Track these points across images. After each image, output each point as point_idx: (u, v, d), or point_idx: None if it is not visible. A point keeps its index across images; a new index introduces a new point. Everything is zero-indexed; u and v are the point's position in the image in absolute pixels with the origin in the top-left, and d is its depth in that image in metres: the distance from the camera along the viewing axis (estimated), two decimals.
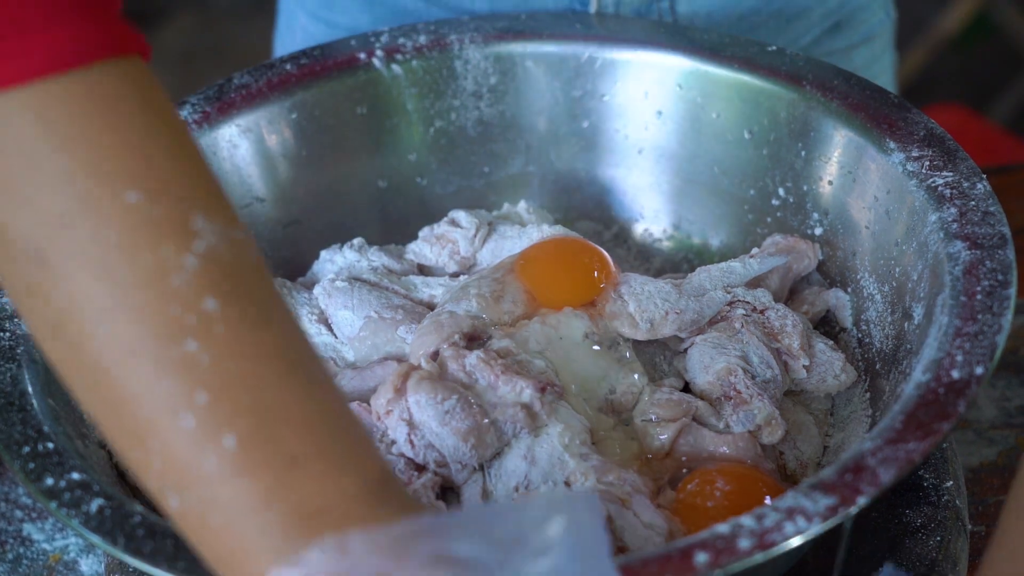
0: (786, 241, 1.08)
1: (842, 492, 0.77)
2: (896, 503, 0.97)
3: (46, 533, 1.08)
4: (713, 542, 0.75)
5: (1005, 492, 1.09)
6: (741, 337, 1.00)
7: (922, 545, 0.95)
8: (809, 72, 1.09)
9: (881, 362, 1.00)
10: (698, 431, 0.96)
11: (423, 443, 0.92)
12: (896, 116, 1.03)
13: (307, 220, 1.17)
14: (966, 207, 0.94)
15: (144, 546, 0.78)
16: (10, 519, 1.09)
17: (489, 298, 1.00)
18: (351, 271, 1.09)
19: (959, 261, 0.91)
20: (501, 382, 0.93)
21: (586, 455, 0.92)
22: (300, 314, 1.05)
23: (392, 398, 0.93)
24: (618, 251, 1.18)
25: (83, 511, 0.81)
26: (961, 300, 0.88)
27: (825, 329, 1.07)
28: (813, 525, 0.75)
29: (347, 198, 1.18)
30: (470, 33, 1.17)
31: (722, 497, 0.89)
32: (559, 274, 1.03)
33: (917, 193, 0.98)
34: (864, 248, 1.05)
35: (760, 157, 1.12)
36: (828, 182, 1.08)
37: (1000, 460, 1.13)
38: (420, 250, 1.11)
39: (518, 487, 0.92)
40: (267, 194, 1.15)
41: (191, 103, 1.13)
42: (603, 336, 0.99)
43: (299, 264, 1.15)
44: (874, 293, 1.03)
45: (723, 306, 1.02)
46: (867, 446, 0.80)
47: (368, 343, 1.03)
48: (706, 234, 1.17)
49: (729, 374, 0.98)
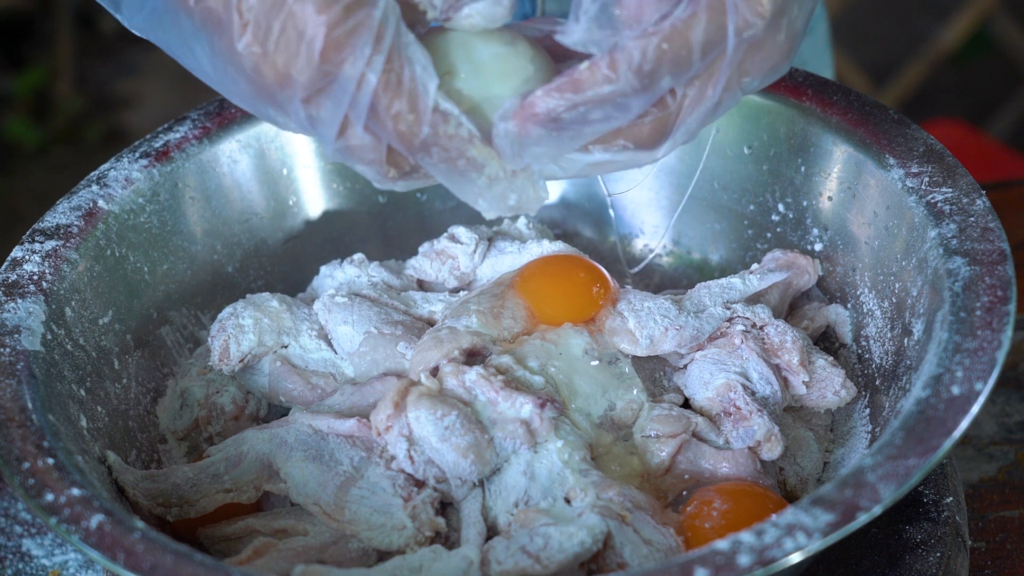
0: (786, 257, 1.08)
1: (842, 508, 0.77)
2: (896, 519, 0.97)
3: (45, 548, 1.08)
4: (713, 558, 0.75)
5: (1005, 508, 1.09)
6: (741, 353, 1.00)
7: (922, 561, 0.95)
8: (808, 87, 1.09)
9: (881, 378, 1.00)
10: (698, 447, 0.96)
11: (423, 459, 0.92)
12: (895, 132, 1.04)
13: (307, 235, 1.17)
14: (966, 223, 0.94)
15: (144, 562, 0.78)
16: (9, 534, 1.09)
17: (489, 314, 1.00)
18: (351, 286, 1.09)
19: (959, 277, 0.91)
20: (501, 398, 0.93)
21: (586, 471, 0.92)
22: (300, 329, 1.05)
23: (392, 414, 0.93)
24: (617, 267, 1.18)
25: (83, 527, 0.81)
26: (961, 316, 0.88)
27: (825, 345, 1.07)
28: (813, 541, 0.75)
29: (347, 213, 1.18)
30: None
31: (726, 516, 0.89)
32: (558, 290, 1.03)
33: (917, 209, 0.98)
34: (864, 264, 1.05)
35: (760, 172, 1.12)
36: (828, 198, 1.08)
37: (1000, 476, 1.13)
38: (420, 265, 1.11)
39: (517, 503, 0.92)
40: (267, 209, 1.16)
41: (191, 119, 1.13)
42: (603, 352, 0.99)
43: (299, 279, 1.15)
44: (874, 309, 1.03)
45: (723, 322, 1.02)
46: (867, 462, 0.80)
47: (368, 358, 1.03)
48: (706, 249, 1.17)
49: (729, 390, 0.98)
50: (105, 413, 1.00)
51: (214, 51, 0.85)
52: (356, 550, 0.91)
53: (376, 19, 0.82)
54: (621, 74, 0.83)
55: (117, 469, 0.95)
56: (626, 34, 0.83)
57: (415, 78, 0.83)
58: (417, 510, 0.91)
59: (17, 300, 0.97)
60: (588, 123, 0.84)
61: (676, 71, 0.83)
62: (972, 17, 2.86)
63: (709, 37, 0.83)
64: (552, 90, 0.84)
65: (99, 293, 1.03)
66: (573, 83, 0.83)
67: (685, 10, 0.83)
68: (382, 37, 0.82)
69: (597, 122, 0.84)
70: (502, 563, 0.86)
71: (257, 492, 0.96)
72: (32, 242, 1.02)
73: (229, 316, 1.05)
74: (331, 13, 0.81)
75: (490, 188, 0.87)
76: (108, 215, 1.06)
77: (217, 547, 0.95)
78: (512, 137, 0.85)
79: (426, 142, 0.84)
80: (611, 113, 0.84)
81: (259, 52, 0.83)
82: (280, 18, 0.82)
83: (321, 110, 0.84)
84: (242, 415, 1.05)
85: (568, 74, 0.84)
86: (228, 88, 0.88)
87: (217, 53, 0.85)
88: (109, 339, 1.03)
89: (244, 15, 0.83)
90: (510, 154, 0.86)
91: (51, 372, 0.94)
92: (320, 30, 0.81)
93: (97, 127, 3.32)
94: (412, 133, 0.83)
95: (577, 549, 0.86)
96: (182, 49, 0.88)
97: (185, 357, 1.10)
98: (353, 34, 0.81)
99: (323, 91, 0.83)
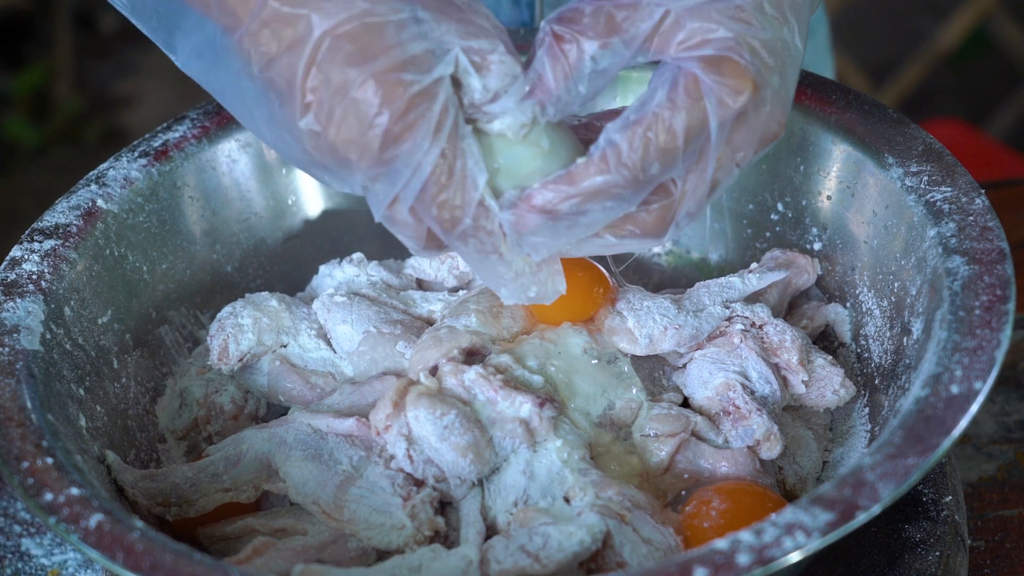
0: (785, 256, 1.08)
1: (841, 507, 0.77)
2: (895, 518, 0.97)
3: (45, 548, 1.08)
4: (712, 557, 0.75)
5: (1004, 507, 1.09)
6: (740, 352, 1.00)
7: (921, 560, 0.95)
8: (808, 87, 1.09)
9: (880, 377, 1.00)
10: (697, 446, 0.96)
11: (422, 458, 0.92)
12: (895, 131, 1.04)
13: (306, 235, 1.17)
14: (965, 222, 0.94)
15: (143, 561, 0.78)
16: (9, 534, 1.09)
17: (488, 313, 1.00)
18: (350, 286, 1.09)
19: (958, 276, 0.91)
20: (500, 397, 0.93)
21: (585, 470, 0.92)
22: (299, 329, 1.05)
23: (391, 413, 0.93)
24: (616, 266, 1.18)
25: (82, 526, 0.81)
26: (960, 315, 0.88)
27: (824, 344, 1.07)
28: (812, 540, 0.75)
29: (346, 213, 1.18)
30: None
31: (725, 515, 0.89)
32: None
33: (916, 208, 0.98)
34: (863, 263, 1.05)
35: (759, 171, 1.12)
36: (827, 197, 1.08)
37: (999, 475, 1.13)
38: (419, 265, 1.11)
39: (517, 502, 0.92)
40: (266, 209, 1.16)
41: (191, 118, 1.13)
42: (602, 351, 0.99)
43: (298, 279, 1.15)
44: (873, 308, 1.03)
45: (722, 321, 1.02)
46: (866, 461, 0.80)
47: (367, 358, 1.03)
48: (705, 249, 1.17)
49: (728, 389, 0.98)
50: (104, 412, 1.00)
51: (273, 118, 0.86)
52: (355, 549, 0.91)
53: (436, 112, 0.83)
54: (612, 166, 0.85)
55: (116, 468, 0.95)
56: (611, 127, 0.85)
57: (466, 171, 0.85)
58: (416, 509, 0.91)
59: (16, 299, 0.97)
60: (584, 214, 0.86)
61: (664, 158, 0.85)
62: (971, 17, 2.86)
63: (692, 121, 0.85)
64: (549, 183, 0.86)
65: (98, 292, 1.03)
66: (569, 176, 0.86)
67: (664, 96, 0.85)
68: (441, 129, 0.83)
69: (594, 212, 0.86)
70: (501, 562, 0.86)
71: (256, 491, 0.96)
72: (31, 241, 1.02)
73: (228, 315, 1.05)
74: (394, 106, 0.82)
75: (515, 281, 0.89)
76: (107, 214, 1.06)
77: (216, 546, 0.95)
78: (510, 226, 0.86)
79: (465, 232, 0.86)
80: (608, 204, 0.86)
81: (320, 131, 0.84)
82: (342, 105, 0.83)
83: (375, 187, 0.86)
84: (241, 414, 1.05)
85: (566, 169, 0.86)
86: (284, 151, 0.89)
87: (276, 121, 0.86)
88: (108, 338, 1.03)
89: (307, 95, 0.84)
90: (510, 242, 0.87)
91: (50, 371, 0.94)
92: (383, 120, 0.82)
93: (96, 127, 3.32)
94: (454, 222, 0.85)
95: (576, 548, 0.86)
96: (238, 106, 0.89)
97: (184, 356, 1.10)
98: (414, 128, 0.83)
99: (380, 175, 0.84)
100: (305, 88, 0.83)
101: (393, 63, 0.82)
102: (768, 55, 0.86)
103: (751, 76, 0.85)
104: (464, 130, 0.85)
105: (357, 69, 0.82)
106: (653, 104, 0.85)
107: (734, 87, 0.84)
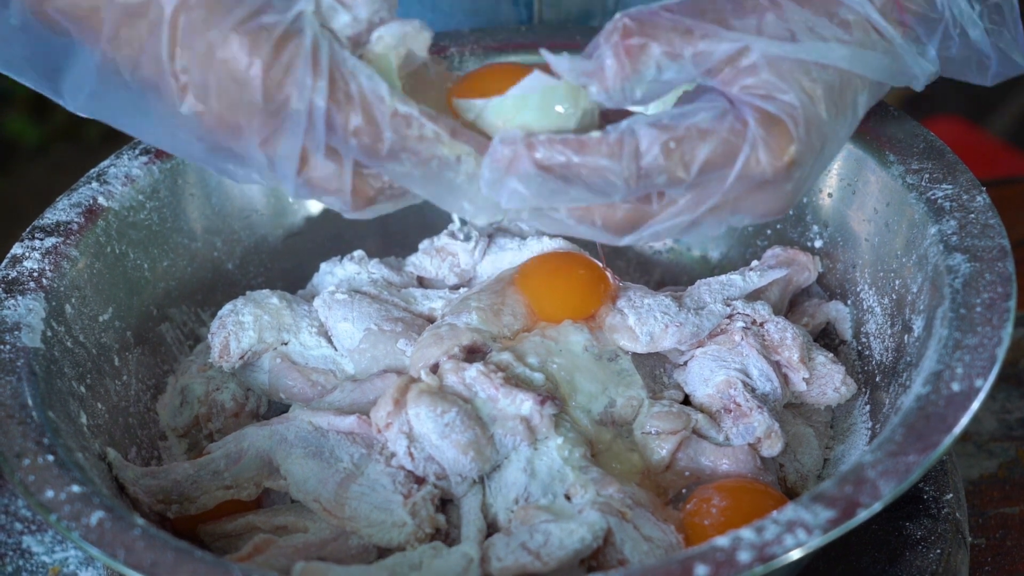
0: (786, 253, 1.08)
1: (842, 505, 0.77)
2: (896, 515, 0.97)
3: (46, 545, 1.08)
4: (713, 555, 0.75)
5: (1005, 504, 1.09)
6: (741, 350, 1.00)
7: (922, 558, 0.95)
8: None
9: (881, 374, 1.00)
10: (698, 444, 0.96)
11: (423, 456, 0.92)
12: (896, 128, 1.04)
13: (307, 232, 1.17)
14: (966, 219, 0.94)
15: (144, 559, 0.78)
16: (10, 531, 1.09)
17: (489, 311, 1.00)
18: (351, 283, 1.09)
19: (959, 273, 0.91)
20: (501, 395, 0.93)
21: (586, 468, 0.92)
22: (300, 326, 1.05)
23: (392, 411, 0.93)
24: (618, 263, 1.18)
25: (83, 523, 0.81)
26: (961, 312, 0.88)
27: (825, 341, 1.07)
28: (813, 538, 0.75)
29: None
30: (470, 45, 1.18)
31: (726, 513, 0.89)
32: (559, 287, 1.03)
33: (917, 206, 0.98)
34: (864, 260, 1.05)
35: None
36: (828, 194, 1.08)
37: (1000, 472, 1.13)
38: (420, 262, 1.11)
39: (518, 499, 0.92)
40: (267, 206, 1.16)
41: None
42: (603, 349, 0.99)
43: (299, 276, 1.15)
44: (874, 305, 1.03)
45: (723, 319, 1.02)
46: (867, 459, 0.80)
47: (368, 355, 1.03)
48: (706, 246, 1.17)
49: (729, 387, 0.98)
50: (105, 410, 1.00)
51: (159, 117, 0.85)
52: (356, 547, 0.91)
53: (308, 47, 0.81)
54: (623, 154, 0.83)
55: (117, 466, 0.95)
56: (640, 118, 0.83)
57: (363, 89, 0.82)
58: (417, 507, 0.91)
59: (17, 297, 0.97)
60: (572, 185, 0.83)
61: (673, 175, 0.83)
62: None
63: (716, 157, 0.83)
64: (557, 141, 0.83)
65: (99, 290, 1.03)
66: (578, 143, 0.83)
67: (706, 120, 0.83)
68: (319, 62, 0.81)
69: (580, 189, 0.83)
70: (502, 560, 0.86)
71: (257, 489, 0.96)
72: (32, 239, 1.02)
73: (229, 313, 1.05)
74: (262, 53, 0.80)
75: (471, 185, 0.86)
76: (108, 212, 1.06)
77: (217, 544, 0.95)
78: (503, 162, 0.84)
79: (393, 148, 0.83)
80: (596, 186, 0.83)
81: (203, 110, 0.83)
82: (214, 71, 0.81)
83: (279, 148, 0.83)
84: (242, 412, 1.05)
85: (578, 135, 0.83)
86: (182, 150, 0.87)
87: (163, 119, 0.84)
88: (109, 336, 1.03)
89: (179, 77, 0.82)
90: (489, 178, 0.84)
91: (51, 369, 0.94)
92: (256, 71, 0.81)
93: (97, 125, 3.30)
94: (376, 142, 0.82)
95: (577, 546, 0.86)
96: (130, 121, 0.88)
97: (185, 354, 1.10)
98: (290, 68, 0.81)
99: (277, 130, 0.82)
100: (175, 71, 0.82)
101: (249, 11, 0.81)
102: (816, 139, 0.85)
103: (794, 151, 0.83)
104: (343, 54, 0.82)
105: (216, 29, 0.80)
106: (691, 120, 0.83)
107: (776, 151, 0.83)
